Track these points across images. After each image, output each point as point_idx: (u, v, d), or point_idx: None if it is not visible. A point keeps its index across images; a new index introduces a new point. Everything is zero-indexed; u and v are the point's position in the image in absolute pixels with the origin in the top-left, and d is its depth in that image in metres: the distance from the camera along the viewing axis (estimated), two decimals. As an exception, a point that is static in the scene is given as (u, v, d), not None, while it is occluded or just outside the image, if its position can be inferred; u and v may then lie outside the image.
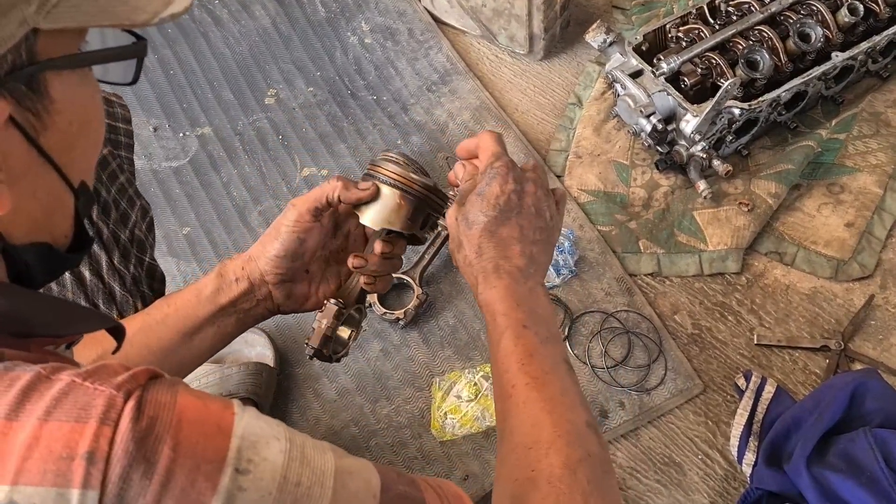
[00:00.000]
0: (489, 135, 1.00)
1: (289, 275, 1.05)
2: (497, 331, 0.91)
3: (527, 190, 0.97)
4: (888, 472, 1.40)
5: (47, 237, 0.70)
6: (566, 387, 0.88)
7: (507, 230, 0.95)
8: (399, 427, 1.71)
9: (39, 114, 0.62)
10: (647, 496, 1.60)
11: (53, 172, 0.66)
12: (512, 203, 0.95)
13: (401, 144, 2.14)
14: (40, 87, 0.62)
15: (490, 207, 0.94)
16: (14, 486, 0.52)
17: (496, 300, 0.92)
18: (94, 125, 0.70)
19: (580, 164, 2.05)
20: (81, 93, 0.67)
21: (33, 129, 0.63)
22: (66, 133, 0.66)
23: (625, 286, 1.84)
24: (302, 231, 1.03)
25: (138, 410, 0.56)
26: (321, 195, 1.02)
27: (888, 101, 2.06)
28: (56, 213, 0.70)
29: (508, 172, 0.96)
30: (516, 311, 0.91)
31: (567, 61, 2.30)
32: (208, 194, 2.10)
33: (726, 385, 1.70)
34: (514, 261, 0.94)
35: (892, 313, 1.76)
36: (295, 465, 0.61)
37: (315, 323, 1.07)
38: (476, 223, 0.94)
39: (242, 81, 2.32)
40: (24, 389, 0.56)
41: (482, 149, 0.99)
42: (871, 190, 1.91)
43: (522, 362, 0.88)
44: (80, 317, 0.70)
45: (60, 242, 0.72)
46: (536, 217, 0.97)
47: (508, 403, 0.86)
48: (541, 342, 0.90)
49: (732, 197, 1.91)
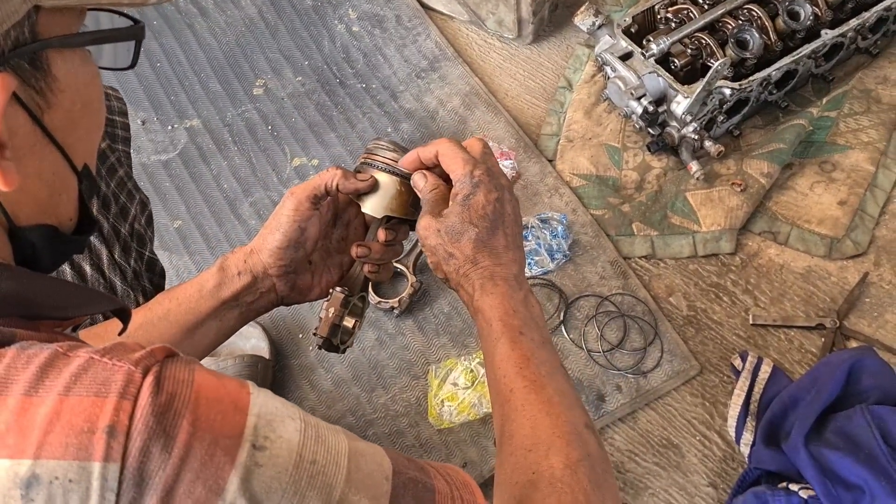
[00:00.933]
0: (450, 143, 0.99)
1: (292, 266, 1.05)
2: (493, 336, 0.91)
3: (506, 198, 0.97)
4: (886, 449, 1.41)
5: (52, 219, 0.71)
6: (563, 389, 0.88)
7: (498, 240, 0.95)
8: (396, 416, 1.70)
9: (43, 92, 0.64)
10: (645, 479, 1.60)
11: (57, 153, 0.68)
12: (497, 212, 0.95)
13: (391, 132, 2.13)
14: (43, 65, 0.63)
15: (479, 217, 0.94)
16: (36, 459, 0.53)
17: (492, 307, 0.93)
18: (95, 106, 0.71)
19: (572, 148, 2.04)
20: (83, 73, 0.68)
21: (37, 108, 0.64)
22: (69, 112, 0.67)
23: (619, 269, 1.84)
24: (302, 220, 1.02)
25: (157, 386, 0.56)
26: (320, 183, 1.02)
27: (878, 77, 2.06)
28: (61, 194, 0.71)
29: (490, 181, 0.96)
30: (512, 318, 0.92)
31: (556, 45, 2.29)
32: (198, 187, 2.09)
33: (723, 366, 1.70)
34: (509, 268, 0.95)
35: (886, 290, 1.77)
36: (310, 443, 0.61)
37: (322, 313, 1.07)
38: (466, 234, 0.94)
39: (230, 72, 2.30)
40: (42, 366, 0.56)
41: (448, 157, 0.97)
42: (864, 167, 1.91)
43: (520, 366, 0.88)
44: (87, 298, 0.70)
45: (65, 225, 0.73)
46: (515, 224, 0.98)
47: (507, 408, 0.87)
48: (537, 347, 0.91)
49: (725, 177, 1.91)
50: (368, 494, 0.62)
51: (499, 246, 0.95)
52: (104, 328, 1.04)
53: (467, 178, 0.95)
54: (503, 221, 0.96)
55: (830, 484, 1.41)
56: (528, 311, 0.94)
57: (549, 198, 1.96)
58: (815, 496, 1.42)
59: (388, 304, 1.79)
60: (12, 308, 0.62)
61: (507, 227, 0.96)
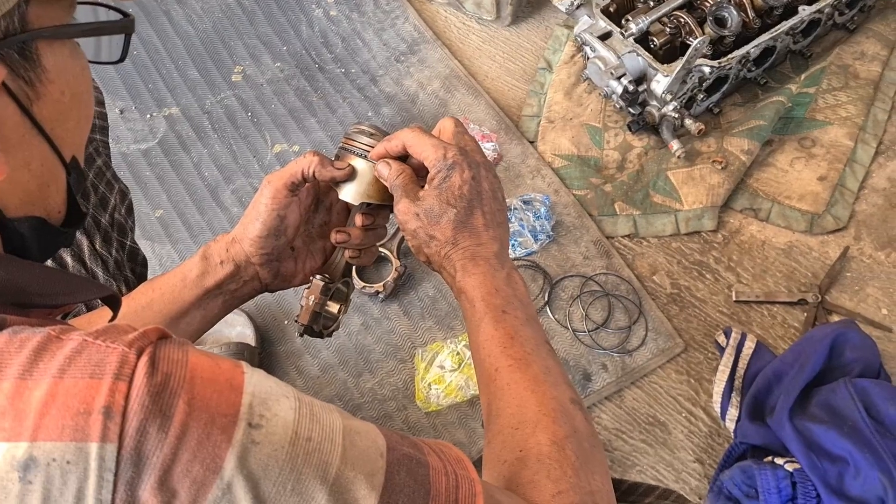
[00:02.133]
0: (414, 131, 0.98)
1: (274, 254, 1.04)
2: (476, 316, 0.91)
3: (482, 175, 0.96)
4: (869, 421, 1.42)
5: (41, 211, 0.71)
6: (549, 366, 0.88)
7: (476, 219, 0.95)
8: (384, 400, 1.71)
9: (32, 83, 0.64)
10: (633, 456, 1.61)
11: (46, 144, 0.67)
12: (474, 191, 0.95)
13: (371, 116, 2.12)
14: (33, 55, 0.63)
15: (456, 198, 0.94)
16: (33, 442, 0.53)
17: (474, 286, 0.92)
18: (84, 98, 0.71)
19: (553, 129, 2.04)
20: (72, 65, 0.68)
21: (26, 98, 0.64)
22: (58, 104, 0.67)
23: (602, 249, 1.84)
24: (280, 207, 1.01)
25: (152, 366, 0.56)
26: (296, 170, 1.01)
27: (856, 53, 2.07)
28: (49, 186, 0.71)
29: (464, 160, 0.95)
30: (495, 297, 0.91)
31: (535, 26, 2.28)
32: (179, 175, 2.07)
33: (707, 343, 1.72)
34: (489, 247, 0.95)
35: (866, 264, 1.78)
36: (305, 421, 0.61)
37: (302, 300, 1.07)
38: (445, 216, 0.94)
39: (208, 59, 2.28)
40: (36, 350, 0.56)
41: (417, 145, 0.97)
42: (843, 142, 1.92)
43: (504, 345, 0.88)
44: (77, 286, 0.70)
45: (54, 217, 0.73)
46: (494, 200, 0.97)
47: (493, 387, 0.87)
48: (521, 325, 0.90)
49: (706, 155, 1.91)
50: (364, 471, 0.62)
51: (478, 225, 0.95)
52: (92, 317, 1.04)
53: (441, 162, 0.95)
54: (481, 200, 0.95)
55: (815, 457, 1.43)
56: (510, 289, 0.93)
57: (532, 179, 1.96)
58: (801, 469, 1.43)
59: (373, 289, 1.79)
60: (2, 296, 0.62)
61: (486, 204, 0.95)
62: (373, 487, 0.62)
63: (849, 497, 1.39)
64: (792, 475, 1.43)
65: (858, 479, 1.39)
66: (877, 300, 1.74)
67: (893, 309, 1.72)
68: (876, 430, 1.42)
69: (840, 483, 1.41)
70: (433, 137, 0.97)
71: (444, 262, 0.96)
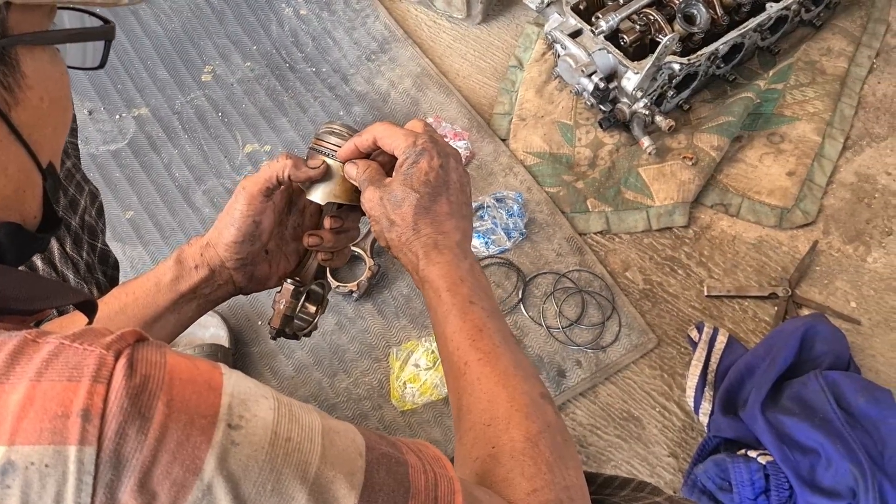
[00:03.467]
0: (385, 125, 0.98)
1: (248, 258, 1.04)
2: (443, 307, 0.91)
3: (451, 165, 0.96)
4: (840, 413, 1.44)
5: (17, 217, 0.70)
6: (518, 359, 0.88)
7: (440, 206, 0.95)
8: (359, 399, 1.71)
9: (11, 88, 0.64)
10: (608, 451, 1.62)
11: (22, 150, 0.67)
12: (440, 179, 0.95)
13: (343, 115, 2.11)
14: (12, 61, 0.63)
15: (421, 184, 0.93)
16: (11, 446, 0.53)
17: (439, 276, 0.92)
18: (63, 104, 0.71)
19: (524, 127, 2.05)
20: (52, 71, 0.68)
21: (4, 104, 0.64)
22: (36, 110, 0.67)
23: (575, 246, 1.85)
24: (256, 213, 1.01)
25: (130, 368, 0.56)
26: (271, 175, 1.00)
27: (822, 49, 2.09)
28: (26, 191, 0.70)
29: (434, 148, 0.95)
30: (460, 287, 0.91)
31: (505, 24, 2.29)
32: (149, 176, 2.06)
33: (679, 338, 1.73)
34: (451, 236, 0.94)
35: (835, 258, 1.80)
36: (284, 421, 0.61)
37: (274, 304, 1.06)
38: (407, 200, 0.93)
39: (177, 59, 2.27)
40: (12, 353, 0.56)
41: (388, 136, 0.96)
42: (810, 138, 1.95)
43: (473, 338, 0.87)
44: (52, 291, 0.70)
45: (30, 223, 0.73)
46: (461, 192, 0.97)
47: (462, 381, 0.86)
48: (488, 316, 0.90)
49: (676, 152, 1.93)
50: (343, 470, 0.62)
51: (441, 212, 0.94)
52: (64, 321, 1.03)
53: (410, 149, 0.94)
54: (447, 188, 0.95)
55: (788, 449, 1.44)
56: (475, 280, 0.93)
57: (504, 177, 1.97)
58: (774, 461, 1.45)
59: (347, 289, 1.78)
60: None
61: (452, 194, 0.95)
62: (352, 487, 0.62)
63: (821, 488, 1.41)
64: (765, 468, 1.45)
65: (830, 471, 1.41)
66: (845, 293, 1.76)
67: (862, 302, 1.74)
68: (846, 421, 1.44)
69: (812, 474, 1.43)
70: (405, 129, 0.97)
71: (404, 247, 0.95)
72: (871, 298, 1.75)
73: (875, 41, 2.11)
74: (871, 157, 1.94)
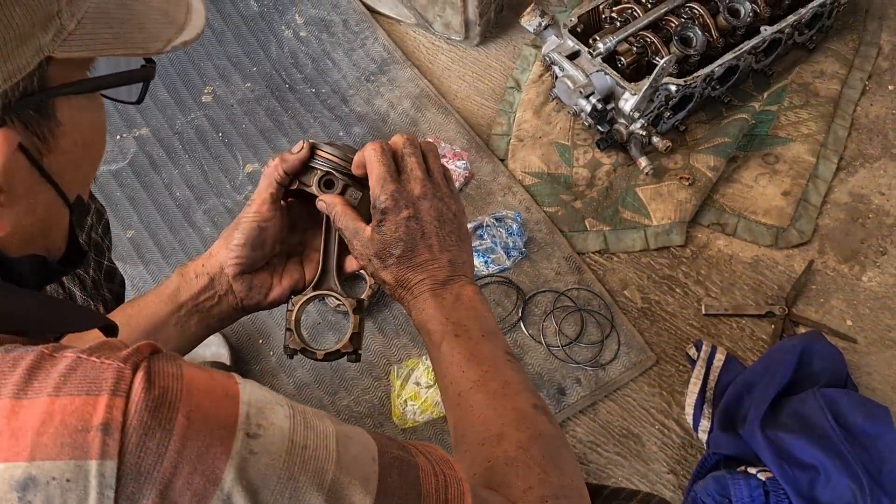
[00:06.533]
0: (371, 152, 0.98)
1: (248, 263, 1.04)
2: (434, 345, 0.94)
3: (422, 207, 0.97)
4: (838, 429, 1.46)
5: (42, 250, 0.70)
6: (508, 378, 0.90)
7: (420, 255, 0.96)
8: (360, 417, 1.71)
9: (45, 137, 0.62)
10: (608, 469, 1.63)
11: (52, 190, 0.66)
12: (412, 230, 0.96)
13: (343, 136, 2.13)
14: (49, 111, 0.62)
15: (393, 245, 0.96)
16: (31, 461, 0.53)
17: (427, 320, 0.95)
18: (97, 144, 0.70)
19: (522, 147, 2.07)
20: (88, 114, 0.67)
21: (37, 152, 0.63)
22: (69, 154, 0.66)
23: (574, 264, 1.87)
24: (263, 220, 1.02)
25: (148, 381, 0.56)
26: (270, 179, 1.02)
27: (815, 71, 2.12)
28: (52, 227, 0.70)
29: (396, 204, 0.96)
30: (445, 325, 0.94)
31: (503, 46, 2.31)
32: (150, 196, 2.07)
33: (678, 356, 1.74)
34: (436, 276, 0.97)
35: (831, 277, 1.82)
36: (300, 429, 0.62)
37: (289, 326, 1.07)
38: (388, 261, 0.96)
39: (177, 80, 2.28)
40: (29, 368, 0.56)
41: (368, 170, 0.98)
42: (805, 158, 1.97)
43: (462, 369, 0.90)
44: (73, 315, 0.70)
45: (54, 255, 0.72)
46: (440, 225, 0.98)
47: (457, 411, 0.89)
48: (476, 343, 0.92)
49: (673, 172, 1.95)
50: (358, 476, 0.63)
51: (422, 260, 0.96)
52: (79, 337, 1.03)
53: (376, 202, 0.96)
54: (423, 234, 0.96)
55: (787, 465, 1.46)
56: (460, 311, 0.95)
57: (503, 196, 1.98)
58: (773, 478, 1.46)
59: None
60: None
61: (430, 237, 0.97)
62: (367, 492, 0.63)
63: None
64: (764, 484, 1.46)
65: (829, 487, 1.43)
66: (841, 312, 1.78)
67: (857, 320, 1.76)
68: (844, 438, 1.45)
69: (811, 490, 1.45)
70: (381, 165, 0.97)
71: (396, 297, 0.99)
72: (866, 317, 1.77)
73: (867, 64, 2.14)
74: (864, 177, 1.96)
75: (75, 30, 0.60)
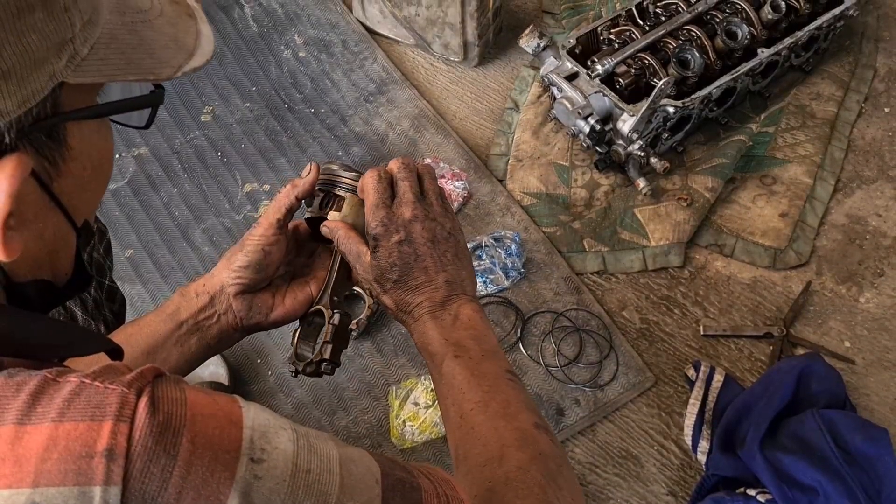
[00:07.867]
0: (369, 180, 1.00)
1: (250, 285, 1.05)
2: (435, 367, 0.94)
3: (413, 230, 0.98)
4: (837, 451, 1.46)
5: (48, 275, 0.70)
6: (508, 398, 0.90)
7: (416, 278, 0.97)
8: (358, 437, 1.71)
9: (56, 162, 0.62)
10: (606, 490, 1.63)
11: (61, 215, 0.66)
12: (405, 254, 0.97)
13: (342, 156, 2.14)
14: (60, 136, 0.62)
15: (389, 270, 0.97)
16: (35, 488, 0.52)
17: (427, 342, 0.96)
18: (105, 168, 0.70)
19: (521, 168, 2.08)
20: (97, 139, 0.67)
21: (48, 177, 0.62)
22: (78, 178, 0.66)
23: (572, 285, 1.87)
24: (268, 243, 1.03)
25: (153, 406, 0.56)
26: (280, 205, 1.03)
27: (812, 93, 2.14)
28: (60, 252, 0.70)
29: (386, 230, 0.97)
30: (445, 347, 0.94)
31: (502, 67, 2.33)
32: (149, 215, 2.07)
33: (677, 376, 1.74)
34: (433, 298, 0.97)
35: (829, 298, 1.83)
36: (304, 453, 0.62)
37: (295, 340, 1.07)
38: (387, 286, 0.98)
39: (177, 99, 2.29)
40: (33, 393, 0.55)
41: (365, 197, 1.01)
42: (802, 180, 1.98)
43: (463, 390, 0.90)
44: (80, 338, 0.70)
45: (60, 279, 0.73)
46: (434, 246, 0.99)
47: (459, 433, 0.89)
48: (476, 363, 0.93)
49: (671, 193, 1.96)
50: (362, 499, 0.63)
51: (418, 283, 0.97)
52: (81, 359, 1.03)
53: (369, 229, 0.98)
54: (416, 257, 0.97)
55: (786, 487, 1.45)
56: (459, 332, 0.95)
57: (502, 217, 1.99)
58: (773, 499, 1.46)
59: (347, 327, 1.79)
60: (3, 347, 0.61)
61: (424, 258, 0.97)
62: None
63: (820, 526, 1.42)
64: (764, 506, 1.46)
65: (828, 509, 1.42)
66: (839, 333, 1.78)
67: (855, 342, 1.77)
68: (844, 459, 1.45)
69: (811, 512, 1.44)
70: (376, 193, 0.99)
71: (401, 322, 1.00)
72: (864, 338, 1.77)
73: (863, 86, 2.16)
74: (861, 199, 1.97)
75: (88, 55, 0.60)
